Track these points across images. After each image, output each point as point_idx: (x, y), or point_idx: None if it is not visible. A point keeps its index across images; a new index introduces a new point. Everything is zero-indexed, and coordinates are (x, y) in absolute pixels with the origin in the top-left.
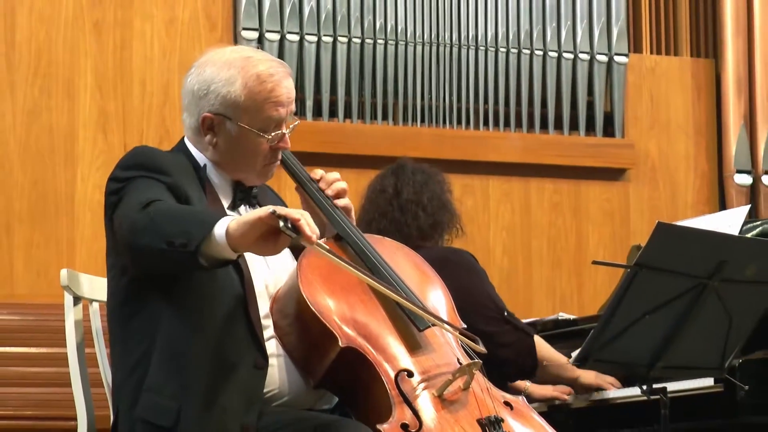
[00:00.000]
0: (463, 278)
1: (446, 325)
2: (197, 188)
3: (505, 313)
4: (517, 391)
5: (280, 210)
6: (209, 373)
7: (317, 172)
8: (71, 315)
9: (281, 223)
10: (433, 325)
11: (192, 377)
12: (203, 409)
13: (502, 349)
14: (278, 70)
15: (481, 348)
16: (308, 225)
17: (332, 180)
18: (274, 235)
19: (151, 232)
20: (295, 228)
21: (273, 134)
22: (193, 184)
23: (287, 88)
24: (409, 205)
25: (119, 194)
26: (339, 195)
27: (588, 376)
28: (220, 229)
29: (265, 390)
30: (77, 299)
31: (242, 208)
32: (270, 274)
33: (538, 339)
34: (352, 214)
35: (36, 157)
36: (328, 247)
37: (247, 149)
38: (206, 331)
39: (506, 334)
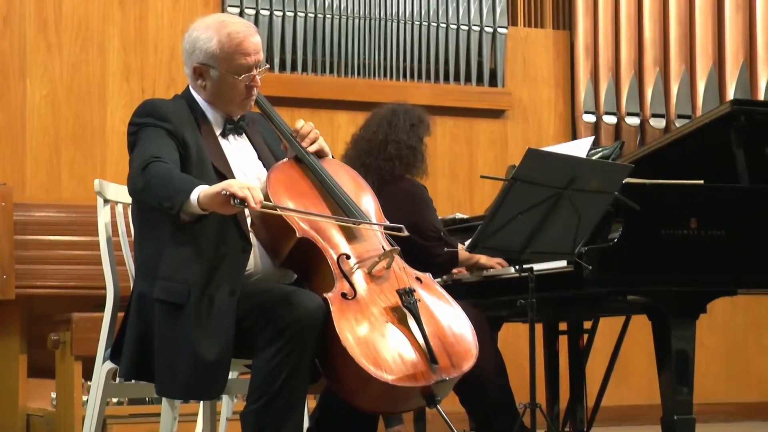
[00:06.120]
0: (416, 207)
1: (375, 224)
2: (192, 127)
3: (442, 234)
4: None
5: (230, 189)
6: (209, 261)
7: (297, 127)
8: (102, 213)
9: (232, 201)
10: (367, 223)
11: (197, 266)
12: (205, 286)
13: (435, 257)
14: (244, 29)
15: (404, 233)
16: (252, 197)
17: (307, 131)
18: (229, 204)
19: (148, 194)
20: (243, 201)
21: (244, 76)
22: (188, 124)
23: (252, 42)
24: (387, 145)
25: (135, 136)
26: (313, 141)
27: (484, 259)
28: (194, 196)
29: None
30: (106, 201)
31: (230, 137)
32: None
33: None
34: (327, 149)
35: (77, 98)
36: (271, 204)
37: (226, 88)
38: (205, 232)
39: (438, 248)
